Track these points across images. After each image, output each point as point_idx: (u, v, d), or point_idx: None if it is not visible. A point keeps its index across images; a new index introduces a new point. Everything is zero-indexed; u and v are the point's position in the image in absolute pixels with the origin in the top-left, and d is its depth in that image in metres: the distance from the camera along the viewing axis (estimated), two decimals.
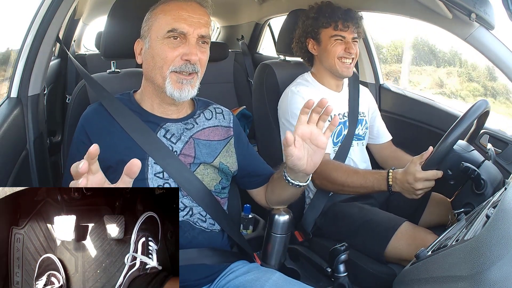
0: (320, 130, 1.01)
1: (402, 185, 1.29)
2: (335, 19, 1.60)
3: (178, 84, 1.09)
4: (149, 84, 1.15)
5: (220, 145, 1.21)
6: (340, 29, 1.60)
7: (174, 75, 1.09)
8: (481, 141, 1.61)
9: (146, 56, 1.13)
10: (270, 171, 1.32)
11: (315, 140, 1.00)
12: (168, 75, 1.09)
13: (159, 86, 1.11)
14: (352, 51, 1.60)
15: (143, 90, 1.19)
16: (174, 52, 1.07)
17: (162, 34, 1.08)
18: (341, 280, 1.21)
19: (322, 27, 1.62)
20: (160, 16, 1.10)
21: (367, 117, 1.78)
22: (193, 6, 1.10)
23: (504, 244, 0.65)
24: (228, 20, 3.71)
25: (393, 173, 1.33)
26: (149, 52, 1.11)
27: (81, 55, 3.52)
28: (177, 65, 1.08)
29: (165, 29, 1.07)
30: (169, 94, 1.10)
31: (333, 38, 1.61)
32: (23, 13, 1.47)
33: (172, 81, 1.09)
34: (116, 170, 1.11)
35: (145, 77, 1.17)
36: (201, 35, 1.09)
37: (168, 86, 1.09)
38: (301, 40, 1.69)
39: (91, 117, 1.16)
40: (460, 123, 1.23)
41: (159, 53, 1.08)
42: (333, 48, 1.61)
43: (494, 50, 1.42)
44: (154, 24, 1.10)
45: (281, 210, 1.29)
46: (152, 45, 1.10)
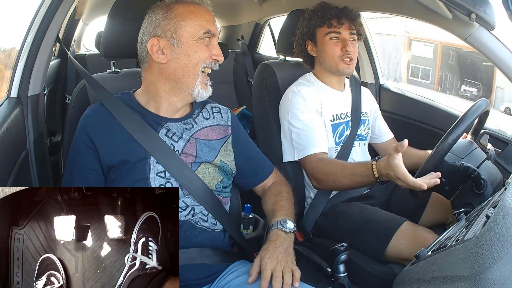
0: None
1: (388, 176, 1.26)
2: (328, 17, 1.59)
3: (204, 85, 1.16)
4: (169, 84, 1.15)
5: (218, 144, 1.22)
6: (335, 26, 1.59)
7: (202, 75, 1.15)
8: (481, 141, 1.61)
9: (176, 55, 1.13)
10: (270, 168, 1.34)
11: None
12: (199, 74, 1.14)
13: (187, 85, 1.15)
14: (349, 49, 1.58)
15: (151, 90, 1.18)
16: (207, 52, 1.14)
17: (199, 35, 1.13)
18: (341, 280, 1.20)
19: (317, 27, 1.62)
20: (192, 17, 1.13)
21: (370, 117, 1.78)
22: (208, 10, 1.19)
23: (504, 244, 0.66)
24: (228, 20, 3.70)
25: (376, 165, 1.29)
26: (181, 51, 1.13)
27: (81, 55, 3.52)
28: (207, 62, 1.14)
29: (202, 31, 1.13)
30: (195, 94, 1.15)
31: (328, 36, 1.60)
32: (23, 13, 1.47)
33: (201, 82, 1.15)
34: (118, 169, 1.11)
35: (164, 77, 1.15)
36: (218, 36, 1.18)
37: (197, 86, 1.15)
38: (300, 43, 1.69)
39: (91, 117, 1.15)
40: (460, 123, 1.23)
41: (197, 51, 1.13)
42: (331, 49, 1.60)
43: (494, 50, 1.41)
44: (185, 25, 1.12)
45: None
46: (186, 45, 1.13)
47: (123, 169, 1.11)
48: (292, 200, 1.26)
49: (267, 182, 1.33)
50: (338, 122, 1.64)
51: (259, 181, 1.32)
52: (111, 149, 1.11)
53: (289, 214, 1.18)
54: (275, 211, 1.19)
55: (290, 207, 1.22)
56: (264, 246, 1.08)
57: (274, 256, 1.03)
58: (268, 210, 1.23)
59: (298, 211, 1.61)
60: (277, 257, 1.03)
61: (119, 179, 1.11)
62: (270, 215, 1.21)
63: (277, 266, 1.01)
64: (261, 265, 1.02)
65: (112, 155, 1.11)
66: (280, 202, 1.22)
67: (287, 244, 1.09)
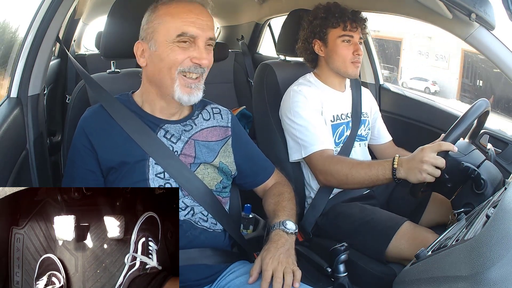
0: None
1: (408, 164, 1.25)
2: (344, 19, 1.59)
3: (187, 88, 1.09)
4: (153, 88, 1.14)
5: (218, 146, 1.21)
6: (350, 30, 1.59)
7: (182, 79, 1.08)
8: (481, 141, 1.61)
9: (152, 59, 1.11)
10: (271, 169, 1.33)
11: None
12: (176, 77, 1.08)
13: (166, 89, 1.10)
14: (360, 53, 1.60)
15: (144, 92, 1.18)
16: (184, 55, 1.07)
17: (172, 37, 1.06)
18: (341, 280, 1.20)
19: (331, 27, 1.61)
20: (167, 18, 1.08)
21: (370, 118, 1.78)
22: (199, 9, 1.10)
23: (504, 244, 0.66)
24: (228, 20, 3.70)
25: (398, 158, 1.30)
26: (156, 55, 1.09)
27: (81, 55, 3.52)
28: (185, 66, 1.08)
29: (175, 33, 1.06)
30: (177, 98, 1.10)
31: (341, 38, 1.60)
32: (23, 13, 1.47)
33: (181, 85, 1.09)
34: (117, 171, 1.11)
35: (148, 80, 1.15)
36: (209, 37, 1.09)
37: (177, 90, 1.09)
38: (308, 41, 1.67)
39: (90, 119, 1.15)
40: (460, 123, 1.23)
41: (169, 55, 1.07)
42: (343, 51, 1.60)
43: (494, 50, 1.41)
44: (161, 27, 1.08)
45: None
46: (160, 48, 1.08)
47: (122, 170, 1.11)
48: (294, 201, 1.26)
49: (268, 182, 1.33)
50: (338, 122, 1.64)
51: (260, 181, 1.32)
52: (110, 150, 1.11)
53: (291, 215, 1.18)
54: (276, 212, 1.19)
55: (292, 208, 1.22)
56: (266, 246, 1.08)
57: (275, 257, 1.03)
58: (270, 211, 1.23)
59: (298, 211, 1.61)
60: (278, 258, 1.03)
61: (118, 180, 1.11)
62: (271, 215, 1.20)
63: (278, 267, 1.01)
64: (262, 265, 1.02)
65: (111, 157, 1.11)
66: (282, 203, 1.22)
67: (289, 245, 1.08)
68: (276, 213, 1.18)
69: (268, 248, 1.06)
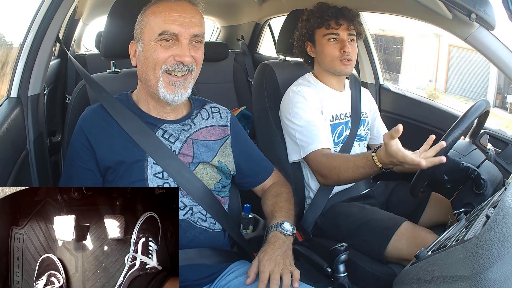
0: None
1: (393, 163, 1.25)
2: (326, 18, 1.59)
3: (170, 86, 1.10)
4: (144, 86, 1.16)
5: (217, 145, 1.22)
6: (333, 27, 1.58)
7: (166, 77, 1.09)
8: (481, 141, 1.61)
9: (139, 58, 1.13)
10: (270, 169, 1.33)
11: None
12: (160, 76, 1.09)
13: (152, 88, 1.11)
14: (347, 50, 1.57)
15: (139, 92, 1.20)
16: (167, 53, 1.08)
17: (154, 37, 1.08)
18: (341, 280, 1.21)
19: (316, 28, 1.62)
20: (151, 18, 1.09)
21: (369, 118, 1.78)
22: (183, 6, 1.10)
23: (504, 244, 0.66)
24: (228, 20, 3.70)
25: (377, 155, 1.29)
26: (142, 55, 1.11)
27: (81, 55, 3.51)
28: (169, 65, 1.08)
29: (157, 32, 1.07)
30: (162, 97, 1.10)
31: (326, 37, 1.60)
32: (23, 13, 1.47)
33: (165, 83, 1.09)
34: (115, 171, 1.11)
35: (139, 79, 1.17)
36: (194, 34, 1.09)
37: (161, 89, 1.10)
38: (299, 44, 1.69)
39: (89, 118, 1.15)
40: (460, 123, 1.23)
41: (152, 54, 1.08)
42: (329, 50, 1.59)
43: (494, 50, 1.41)
44: (146, 27, 1.10)
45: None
46: (145, 47, 1.10)
47: (120, 170, 1.11)
48: (292, 202, 1.26)
49: (267, 182, 1.33)
50: (337, 122, 1.64)
51: (259, 181, 1.32)
52: (108, 149, 1.11)
53: (288, 216, 1.18)
54: (274, 213, 1.19)
55: (290, 209, 1.21)
56: (263, 248, 1.08)
57: (272, 258, 1.03)
58: (268, 212, 1.23)
59: (298, 211, 1.61)
60: (275, 259, 1.02)
61: (116, 180, 1.11)
62: (269, 216, 1.20)
63: (275, 268, 1.00)
64: (259, 267, 1.02)
65: (109, 156, 1.11)
66: (279, 204, 1.22)
67: (286, 246, 1.08)
68: (273, 214, 1.19)
69: (265, 250, 1.06)
